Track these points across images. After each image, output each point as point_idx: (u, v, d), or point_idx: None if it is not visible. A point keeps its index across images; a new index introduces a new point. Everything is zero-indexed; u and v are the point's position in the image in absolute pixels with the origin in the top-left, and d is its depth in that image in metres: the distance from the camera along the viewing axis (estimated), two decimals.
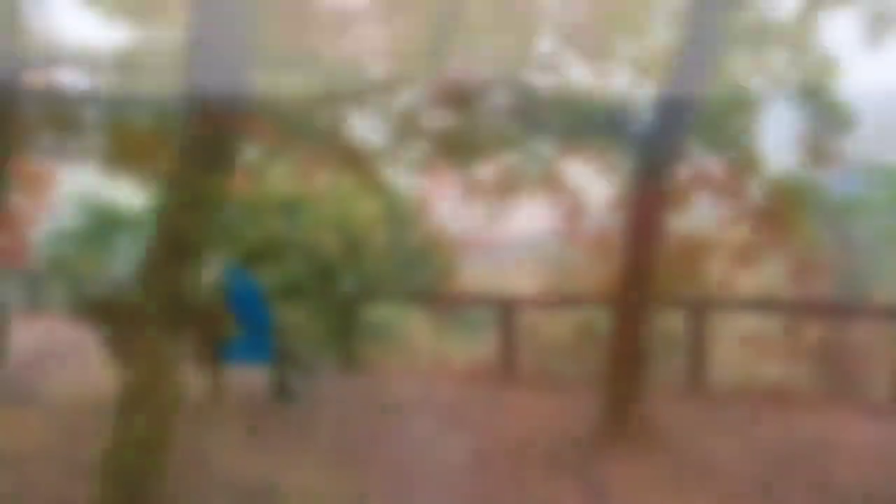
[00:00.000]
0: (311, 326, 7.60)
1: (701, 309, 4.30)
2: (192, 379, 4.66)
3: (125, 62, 4.99)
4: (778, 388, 4.45)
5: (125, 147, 5.78)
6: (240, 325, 3.97)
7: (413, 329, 11.70)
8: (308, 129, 5.27)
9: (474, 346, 7.88)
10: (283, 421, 3.79)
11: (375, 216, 11.10)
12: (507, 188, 5.72)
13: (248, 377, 5.07)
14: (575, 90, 4.67)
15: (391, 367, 5.51)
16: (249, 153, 12.51)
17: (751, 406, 4.07)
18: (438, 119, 5.57)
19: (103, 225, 11.30)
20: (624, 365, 3.23)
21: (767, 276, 5.45)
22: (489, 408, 4.12)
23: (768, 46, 4.85)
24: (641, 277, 3.23)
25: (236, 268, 4.16)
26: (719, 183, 5.00)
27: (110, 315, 3.64)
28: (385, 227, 11.34)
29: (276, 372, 4.29)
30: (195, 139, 1.71)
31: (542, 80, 4.77)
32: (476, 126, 5.52)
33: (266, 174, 11.12)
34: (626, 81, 4.72)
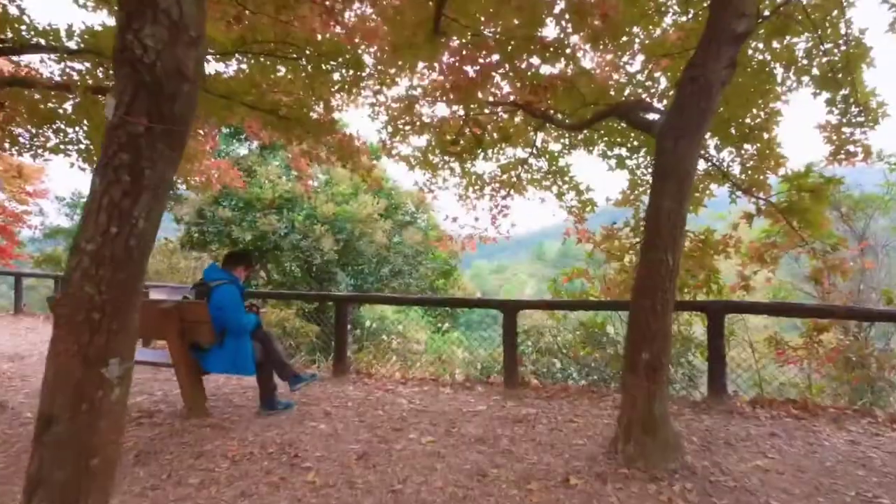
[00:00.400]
0: (304, 329, 7.30)
1: (720, 313, 3.98)
2: (172, 389, 4.37)
3: (103, 49, 4.67)
4: (802, 399, 4.13)
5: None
6: (221, 331, 3.66)
7: (413, 331, 11.42)
8: (302, 122, 4.94)
9: (477, 348, 7.59)
10: (263, 435, 3.47)
11: (373, 214, 10.79)
12: (511, 183, 5.41)
13: (234, 385, 4.79)
14: (584, 77, 4.35)
15: (388, 373, 5.18)
16: (242, 149, 12.19)
17: (775, 419, 3.76)
18: (438, 109, 5.29)
19: None
20: (642, 374, 2.91)
21: (787, 275, 5.15)
22: (491, 420, 3.80)
23: (791, 31, 4.52)
24: (662, 279, 2.91)
25: (218, 269, 3.83)
26: (738, 177, 4.69)
27: None
28: (383, 225, 11.04)
29: (263, 379, 3.99)
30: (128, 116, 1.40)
31: (548, 67, 4.45)
32: (478, 117, 5.22)
33: (260, 171, 10.81)
34: (639, 68, 4.40)
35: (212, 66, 5.57)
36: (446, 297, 7.12)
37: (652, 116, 3.72)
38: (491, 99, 4.96)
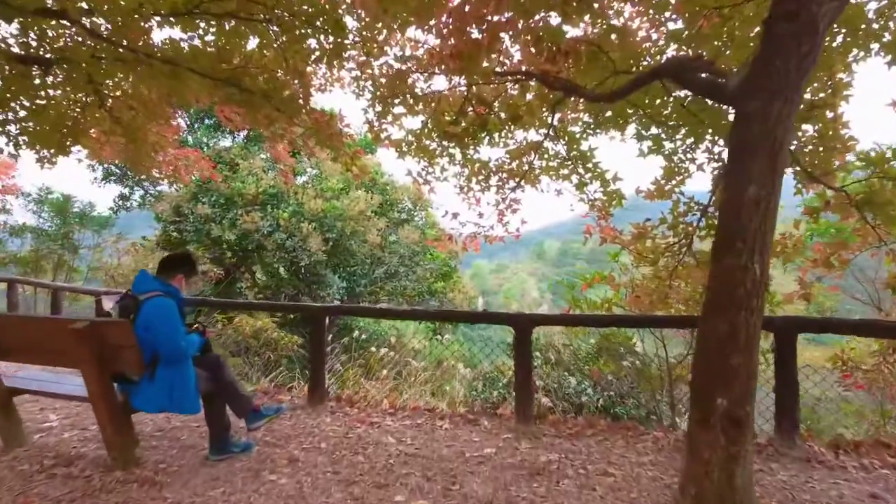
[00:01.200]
0: (285, 340, 6.47)
1: (792, 332, 3.15)
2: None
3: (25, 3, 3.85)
4: (885, 439, 3.29)
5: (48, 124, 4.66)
6: (152, 357, 2.83)
7: (410, 336, 10.57)
8: (270, 97, 4.11)
9: (481, 361, 6.78)
10: (205, 496, 2.63)
11: (366, 211, 9.93)
12: (522, 172, 4.58)
13: (186, 417, 3.93)
14: (617, 37, 3.52)
15: (374, 400, 4.34)
16: (225, 142, 11.34)
17: (869, 472, 2.93)
18: (435, 84, 4.46)
19: (65, 221, 10.15)
20: (717, 428, 2.08)
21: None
22: (502, 471, 2.96)
23: None
24: (746, 294, 2.08)
25: (150, 277, 2.98)
26: (806, 161, 3.85)
27: None
28: (377, 223, 10.17)
29: (212, 417, 3.16)
30: None
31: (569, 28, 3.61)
32: (483, 94, 4.40)
33: (243, 165, 9.95)
34: (683, 26, 3.54)
35: (165, 34, 4.70)
36: (447, 311, 6.21)
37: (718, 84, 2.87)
38: (499, 69, 4.12)
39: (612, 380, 5.69)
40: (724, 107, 4.00)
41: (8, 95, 4.40)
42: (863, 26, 3.88)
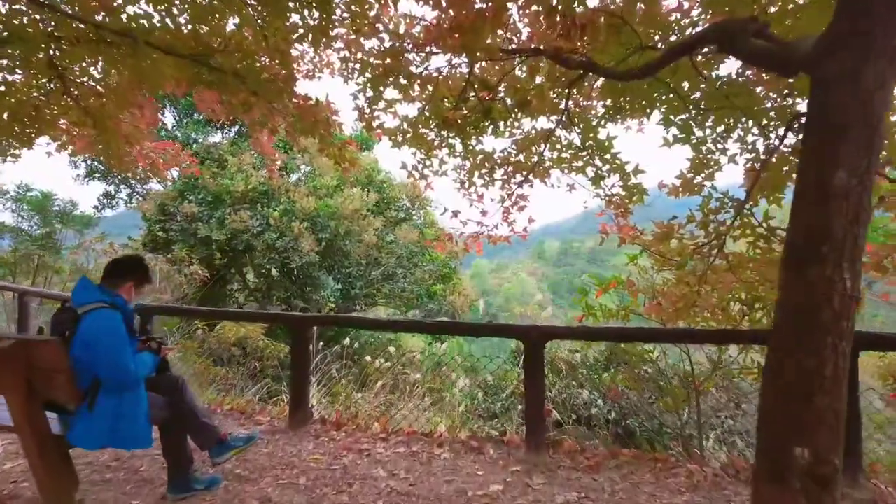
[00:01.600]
0: (271, 349, 5.99)
1: (853, 350, 2.68)
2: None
3: None
4: None
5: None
6: (91, 382, 2.36)
7: (407, 340, 10.09)
8: (244, 79, 3.63)
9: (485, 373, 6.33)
10: None
11: (361, 209, 9.44)
12: (530, 165, 4.10)
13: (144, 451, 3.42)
14: (641, 9, 3.04)
15: (364, 421, 3.86)
16: (214, 137, 10.85)
17: None
18: (433, 64, 4.00)
19: (45, 220, 9.68)
20: (794, 486, 1.61)
21: None
22: None
23: None
24: (834, 314, 1.61)
25: (92, 286, 2.50)
26: None
27: None
28: (374, 223, 9.68)
29: (171, 450, 2.69)
30: None
31: None
32: (486, 77, 3.92)
33: (231, 161, 9.47)
34: None
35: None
36: (451, 322, 5.69)
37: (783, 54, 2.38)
38: (505, 48, 3.64)
39: (623, 390, 5.23)
40: (759, 90, 3.54)
41: None
42: None
